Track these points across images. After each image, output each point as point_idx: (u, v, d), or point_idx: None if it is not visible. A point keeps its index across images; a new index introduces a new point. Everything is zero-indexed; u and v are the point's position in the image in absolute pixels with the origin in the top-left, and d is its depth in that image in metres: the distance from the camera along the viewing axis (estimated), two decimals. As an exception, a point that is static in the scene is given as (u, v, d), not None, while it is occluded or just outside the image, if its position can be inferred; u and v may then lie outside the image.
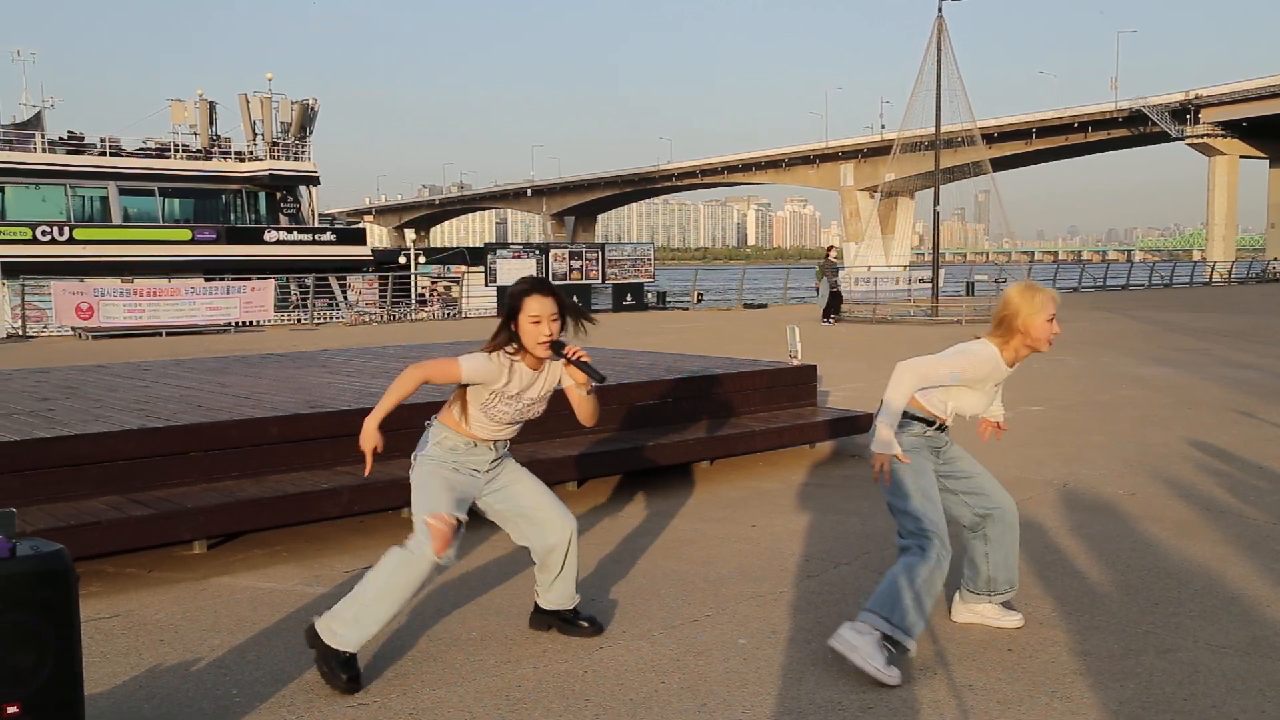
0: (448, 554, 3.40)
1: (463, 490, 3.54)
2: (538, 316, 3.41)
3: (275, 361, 8.52)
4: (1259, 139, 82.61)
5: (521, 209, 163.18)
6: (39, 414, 5.52)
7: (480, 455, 3.58)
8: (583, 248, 30.96)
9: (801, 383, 7.66)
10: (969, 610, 3.94)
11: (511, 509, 3.69)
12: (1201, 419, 8.71)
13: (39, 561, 2.51)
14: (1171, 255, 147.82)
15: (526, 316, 3.42)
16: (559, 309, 3.46)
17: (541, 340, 3.42)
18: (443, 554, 3.38)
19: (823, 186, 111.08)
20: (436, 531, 3.38)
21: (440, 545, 3.38)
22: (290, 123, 39.55)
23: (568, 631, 3.81)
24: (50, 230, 32.64)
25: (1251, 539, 5.03)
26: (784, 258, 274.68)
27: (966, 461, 3.86)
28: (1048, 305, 3.58)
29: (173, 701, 3.29)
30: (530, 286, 3.46)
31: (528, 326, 3.43)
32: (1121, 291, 39.61)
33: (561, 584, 3.77)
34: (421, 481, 3.50)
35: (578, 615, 3.84)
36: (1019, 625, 3.88)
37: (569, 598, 3.80)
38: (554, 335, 3.45)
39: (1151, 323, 20.96)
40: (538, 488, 3.73)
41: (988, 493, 3.83)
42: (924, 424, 3.69)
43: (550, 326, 3.43)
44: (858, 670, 3.39)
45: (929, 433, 3.70)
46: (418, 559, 3.37)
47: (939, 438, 3.76)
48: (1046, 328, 3.58)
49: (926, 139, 25.36)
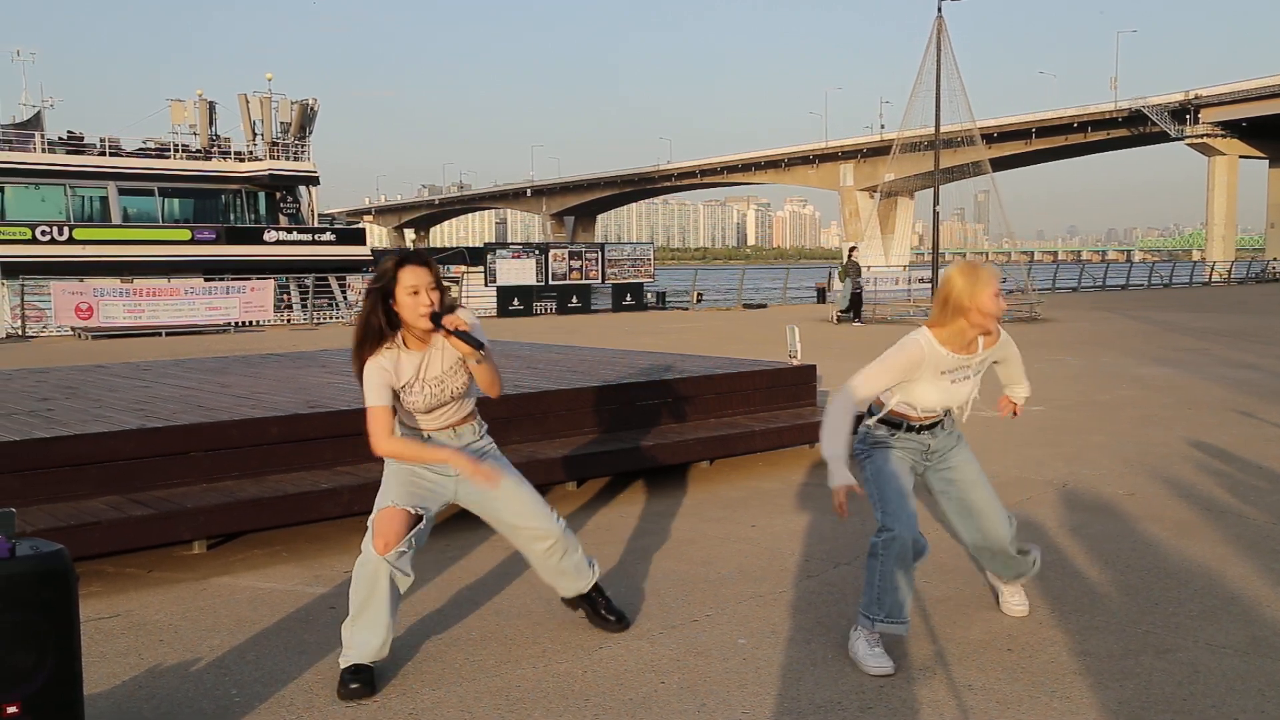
0: (395, 551, 3.33)
1: (425, 489, 3.48)
2: (415, 287, 3.29)
3: (275, 361, 8.52)
4: (1258, 139, 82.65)
5: (521, 209, 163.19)
6: (39, 414, 5.52)
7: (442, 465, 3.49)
8: (582, 248, 30.96)
9: (801, 383, 7.66)
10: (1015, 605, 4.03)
11: (491, 515, 3.64)
12: (1201, 419, 8.71)
13: (39, 561, 2.51)
14: (1171, 255, 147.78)
15: (403, 289, 3.29)
16: (435, 279, 3.35)
17: (422, 312, 3.29)
18: (387, 550, 3.31)
19: (822, 186, 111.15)
20: (377, 527, 3.35)
21: (382, 540, 3.32)
22: (290, 123, 39.55)
23: (595, 622, 3.84)
24: (50, 230, 32.63)
25: (1251, 539, 5.03)
26: (784, 258, 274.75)
27: (963, 470, 3.76)
28: (991, 281, 3.53)
29: (172, 701, 3.29)
30: (400, 259, 3.35)
31: (406, 299, 3.29)
32: (1121, 291, 39.63)
33: (570, 577, 3.77)
34: (383, 485, 3.50)
35: (609, 608, 3.86)
36: (1024, 614, 3.96)
37: (583, 581, 3.81)
38: (434, 305, 3.31)
39: (1151, 323, 20.96)
40: (519, 497, 3.62)
41: (974, 521, 3.78)
42: (890, 426, 3.66)
43: (430, 296, 3.30)
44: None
45: (899, 435, 3.67)
46: (366, 560, 3.35)
47: (919, 440, 3.69)
48: (994, 303, 3.52)
49: (926, 139, 25.37)
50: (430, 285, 3.31)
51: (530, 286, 28.00)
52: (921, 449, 3.71)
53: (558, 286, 28.56)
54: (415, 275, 3.30)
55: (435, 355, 3.43)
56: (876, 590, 3.50)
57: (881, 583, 3.50)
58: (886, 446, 3.67)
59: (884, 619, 3.49)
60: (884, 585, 3.49)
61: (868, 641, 3.51)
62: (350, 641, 3.38)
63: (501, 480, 3.54)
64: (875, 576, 3.52)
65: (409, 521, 3.40)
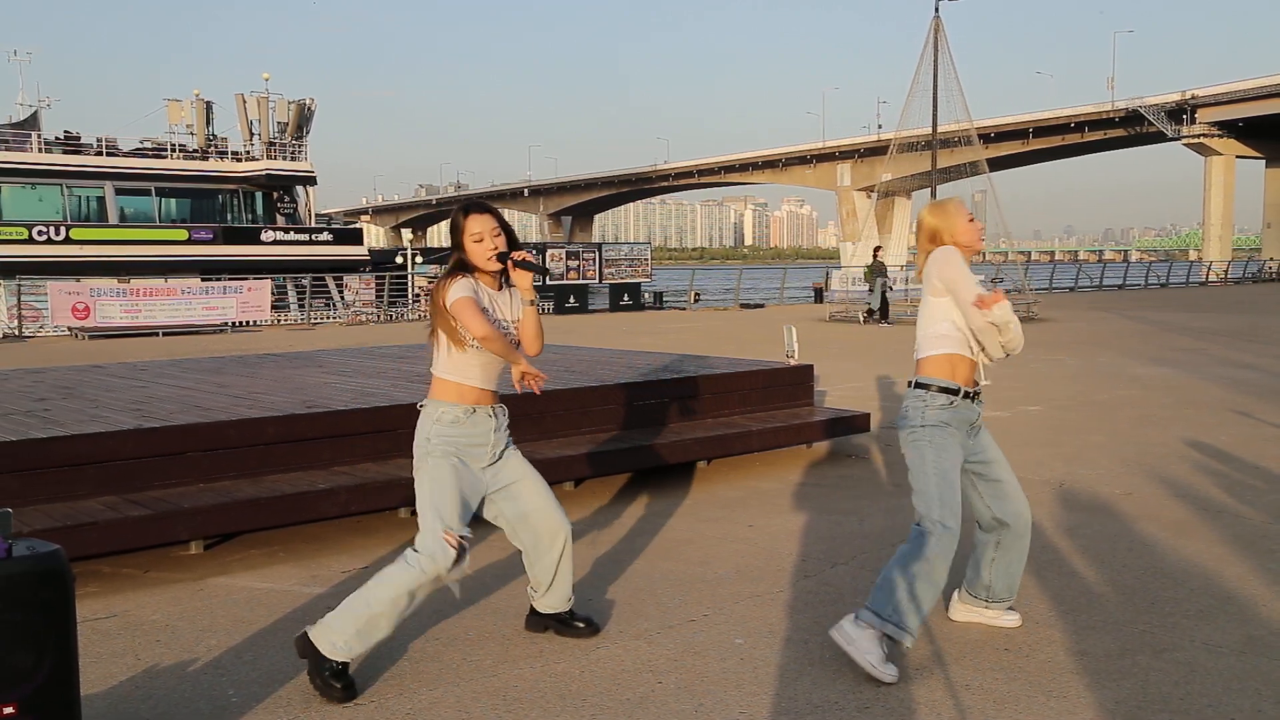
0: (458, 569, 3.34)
1: (470, 490, 3.48)
2: (479, 234, 3.45)
3: (272, 361, 8.51)
4: (1255, 139, 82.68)
5: (519, 209, 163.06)
6: (35, 414, 5.51)
7: (481, 425, 3.50)
8: (580, 248, 30.99)
9: (798, 383, 7.66)
10: (967, 610, 3.94)
11: (513, 512, 3.63)
12: (1199, 419, 8.72)
13: (35, 562, 2.51)
14: (1168, 255, 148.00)
15: (469, 237, 3.46)
16: (499, 223, 3.50)
17: (489, 255, 3.46)
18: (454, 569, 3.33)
19: (820, 186, 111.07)
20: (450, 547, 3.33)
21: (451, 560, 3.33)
22: (287, 123, 39.52)
23: (565, 633, 3.80)
24: (46, 230, 32.59)
25: (1248, 539, 5.03)
26: (781, 258, 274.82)
27: (994, 453, 3.73)
28: (961, 209, 3.69)
29: (169, 702, 3.28)
30: (465, 207, 3.52)
31: (472, 246, 3.46)
32: (1118, 291, 39.67)
33: (557, 589, 3.75)
34: (431, 477, 3.40)
35: (574, 616, 3.82)
36: (1017, 625, 3.88)
37: (565, 600, 3.78)
38: (499, 248, 3.47)
39: (1148, 322, 20.98)
40: (540, 488, 3.66)
41: (1009, 496, 3.73)
42: (949, 394, 3.53)
43: (494, 241, 3.46)
44: (854, 665, 3.40)
45: (957, 403, 3.54)
46: (427, 574, 3.31)
47: (970, 409, 3.59)
48: (970, 229, 3.64)
49: (923, 139, 25.38)
50: (494, 231, 3.46)
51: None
52: (969, 423, 3.60)
53: (555, 286, 28.55)
54: (479, 222, 3.46)
55: (506, 298, 3.58)
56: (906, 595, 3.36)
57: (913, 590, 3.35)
58: (945, 426, 3.52)
59: (895, 624, 3.38)
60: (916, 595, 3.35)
61: (879, 644, 3.38)
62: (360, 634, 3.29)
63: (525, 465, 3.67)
64: (907, 581, 3.37)
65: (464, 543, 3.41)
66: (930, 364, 3.60)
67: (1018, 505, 3.77)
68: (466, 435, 3.48)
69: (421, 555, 3.32)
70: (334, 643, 3.29)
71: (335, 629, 3.30)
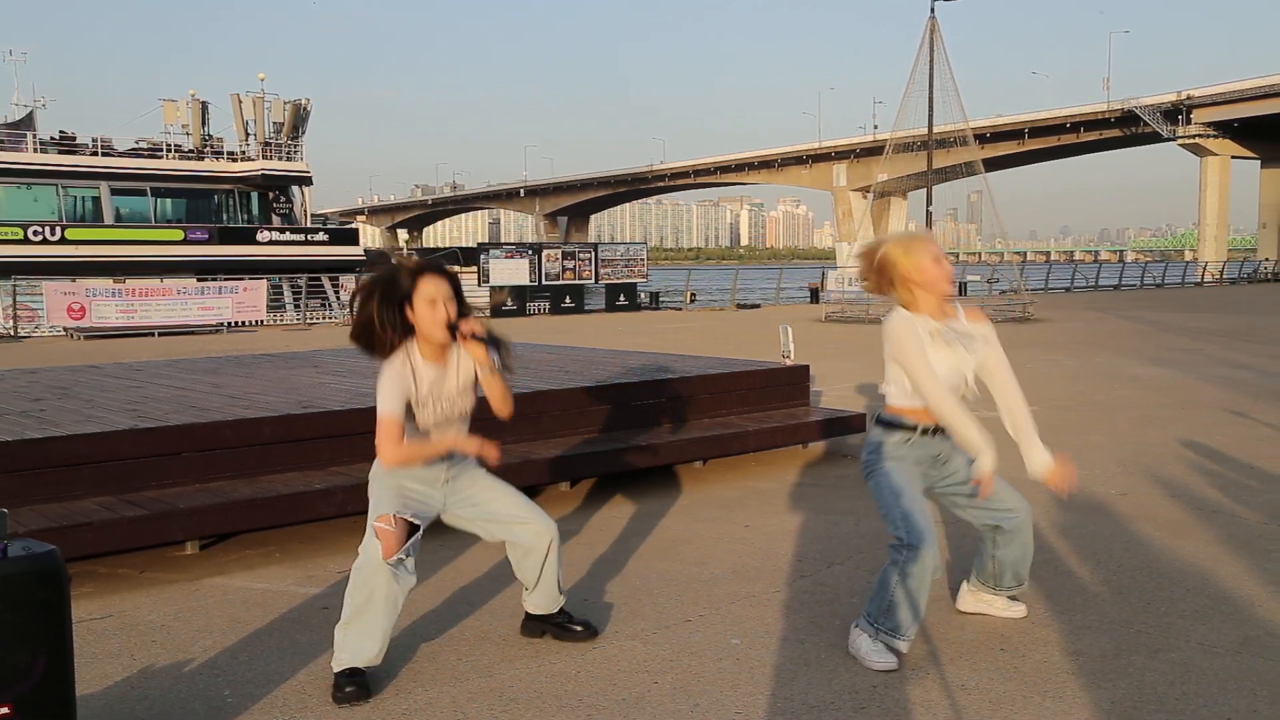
0: (397, 556, 3.30)
1: (418, 500, 3.45)
2: (433, 297, 3.25)
3: (268, 362, 8.50)
4: (1250, 139, 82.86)
5: (515, 209, 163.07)
6: (31, 414, 5.50)
7: (430, 471, 3.48)
8: (576, 248, 30.98)
9: (795, 383, 7.67)
10: (975, 600, 3.97)
11: (482, 515, 3.59)
12: (1195, 419, 8.73)
13: (31, 562, 2.51)
14: (1164, 255, 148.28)
15: (422, 300, 3.26)
16: (454, 289, 3.31)
17: (440, 322, 3.26)
18: (391, 556, 3.29)
19: (816, 187, 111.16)
20: (382, 534, 3.31)
21: (387, 547, 3.29)
22: (283, 123, 39.48)
23: (563, 637, 3.76)
24: (42, 230, 32.53)
25: (1244, 539, 5.04)
26: (777, 258, 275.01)
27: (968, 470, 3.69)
28: (928, 248, 3.48)
29: (165, 702, 3.28)
30: (419, 269, 3.30)
31: (423, 311, 3.26)
32: (1114, 292, 39.72)
33: (543, 590, 3.71)
34: (373, 494, 3.45)
35: (571, 620, 3.80)
36: (1022, 615, 3.92)
37: (553, 601, 3.74)
38: (451, 318, 3.27)
39: (1145, 323, 21.01)
40: (511, 496, 3.61)
41: (997, 500, 3.73)
42: (906, 430, 3.59)
43: (448, 308, 3.27)
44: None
45: (914, 439, 3.60)
46: (365, 563, 3.32)
47: (931, 444, 3.63)
48: (934, 271, 3.47)
49: (919, 139, 25.40)
50: (449, 297, 3.29)
51: (523, 287, 27.99)
52: (932, 456, 3.64)
53: (551, 287, 28.55)
54: (435, 285, 3.27)
55: (452, 369, 3.42)
56: (888, 603, 3.46)
57: (894, 599, 3.45)
58: (899, 459, 3.60)
59: (887, 631, 3.47)
60: (896, 601, 3.45)
61: (871, 638, 3.51)
62: (344, 645, 3.35)
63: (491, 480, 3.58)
64: (889, 591, 3.46)
65: (408, 529, 3.37)
66: (893, 406, 3.65)
67: (1007, 515, 3.76)
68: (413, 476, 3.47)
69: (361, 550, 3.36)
70: (335, 655, 3.36)
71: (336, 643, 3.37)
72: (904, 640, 3.49)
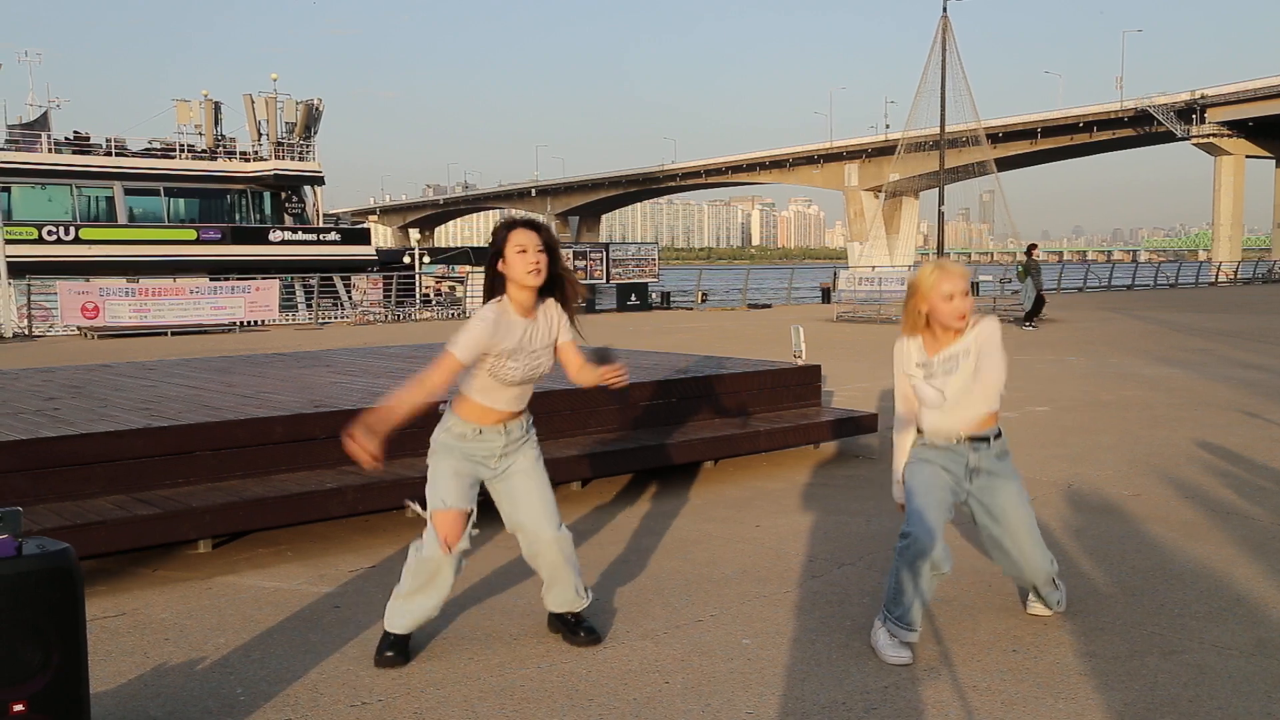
0: (459, 547, 3.49)
1: (472, 475, 3.54)
2: (523, 246, 3.35)
3: (280, 361, 8.53)
4: (1265, 139, 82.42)
5: (526, 209, 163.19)
6: (45, 413, 5.53)
7: (488, 442, 3.52)
8: (587, 248, 30.98)
9: (806, 383, 7.66)
10: (1038, 606, 4.03)
11: (506, 501, 3.63)
12: (1208, 420, 8.69)
13: (45, 560, 2.52)
14: (1177, 255, 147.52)
15: (513, 248, 3.36)
16: (544, 242, 3.39)
17: (529, 269, 3.35)
18: (451, 550, 3.47)
19: (827, 186, 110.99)
20: (440, 528, 3.47)
21: (446, 542, 3.47)
22: (295, 123, 39.59)
23: (568, 639, 3.77)
24: (56, 230, 32.70)
25: (1257, 540, 5.02)
26: (788, 258, 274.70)
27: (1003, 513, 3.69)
28: (942, 282, 3.50)
29: (178, 700, 3.30)
30: (512, 222, 3.42)
31: (514, 259, 3.36)
32: (1127, 291, 39.55)
33: (557, 591, 3.73)
34: (432, 471, 3.54)
35: (579, 624, 3.78)
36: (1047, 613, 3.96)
37: (569, 602, 3.75)
38: (540, 266, 3.36)
39: (1157, 323, 20.91)
40: (539, 494, 3.61)
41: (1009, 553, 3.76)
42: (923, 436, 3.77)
43: (537, 257, 3.36)
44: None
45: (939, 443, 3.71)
46: (430, 556, 3.50)
47: (960, 454, 3.67)
48: (946, 308, 3.51)
49: (931, 139, 25.35)
50: (538, 247, 3.38)
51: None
52: (963, 465, 3.69)
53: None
54: (525, 236, 3.38)
55: (539, 326, 3.50)
56: (892, 591, 3.59)
57: (895, 584, 3.57)
58: (929, 461, 3.72)
59: (894, 621, 3.56)
60: (897, 588, 3.56)
61: (890, 633, 3.58)
62: (396, 612, 3.56)
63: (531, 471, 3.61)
64: (892, 578, 3.60)
65: (465, 520, 3.50)
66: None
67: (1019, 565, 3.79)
68: (471, 449, 3.54)
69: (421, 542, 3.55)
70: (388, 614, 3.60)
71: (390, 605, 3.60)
72: (910, 631, 3.54)
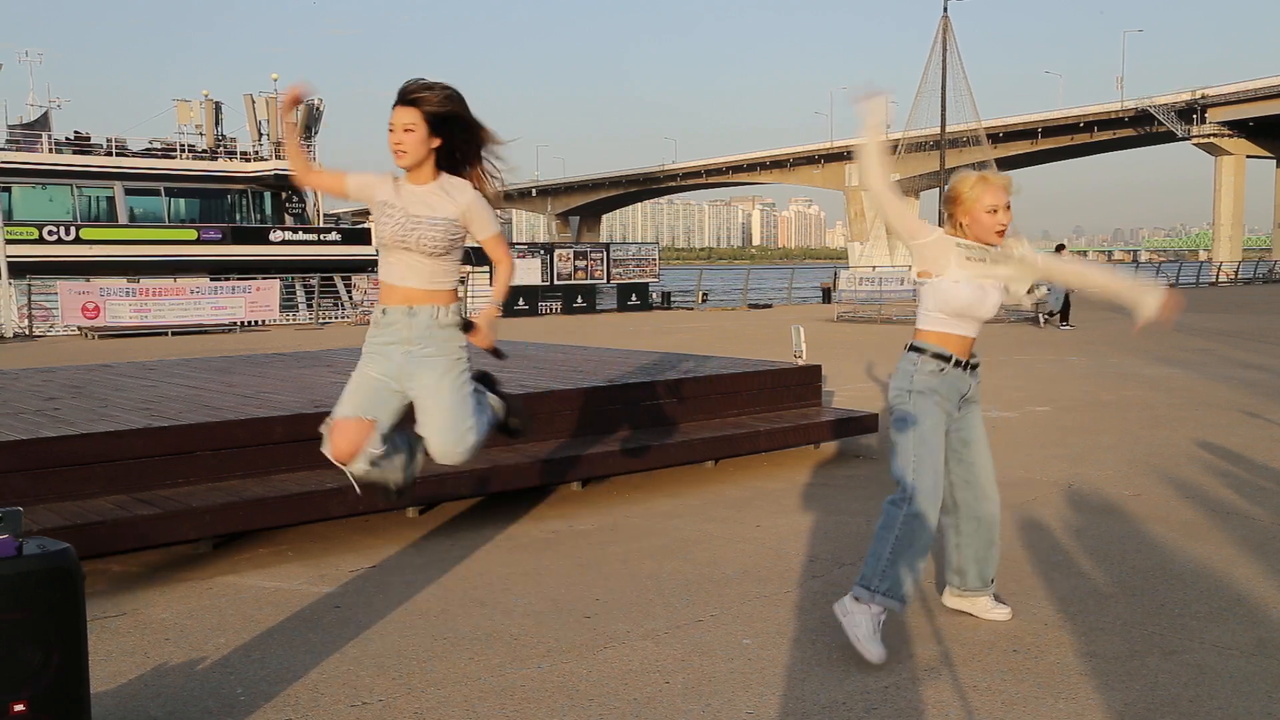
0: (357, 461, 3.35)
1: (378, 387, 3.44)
2: (391, 125, 3.31)
3: (280, 361, 8.53)
4: (1266, 138, 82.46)
5: (526, 209, 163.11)
6: (45, 413, 5.53)
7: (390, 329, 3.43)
8: (587, 247, 30.97)
9: (806, 383, 7.66)
10: (958, 599, 3.96)
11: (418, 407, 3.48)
12: (1208, 420, 8.69)
13: (45, 560, 2.52)
14: (1178, 255, 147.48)
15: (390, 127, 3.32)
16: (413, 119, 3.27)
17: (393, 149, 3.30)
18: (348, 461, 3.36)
19: (827, 186, 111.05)
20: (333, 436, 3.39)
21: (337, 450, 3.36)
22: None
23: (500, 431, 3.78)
24: (57, 230, 32.71)
25: (1258, 540, 5.01)
26: (789, 258, 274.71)
27: (977, 434, 3.68)
28: (985, 195, 3.48)
29: (178, 700, 3.30)
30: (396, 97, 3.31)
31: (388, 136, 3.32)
32: (1127, 292, 39.49)
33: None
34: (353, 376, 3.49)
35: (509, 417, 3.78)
36: (1007, 619, 3.89)
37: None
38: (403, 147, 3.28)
39: (1157, 323, 20.86)
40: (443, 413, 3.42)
41: (976, 486, 3.71)
42: (940, 360, 3.55)
43: (401, 137, 3.28)
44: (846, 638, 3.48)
45: (947, 370, 3.55)
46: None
47: (963, 379, 3.58)
48: (988, 219, 3.49)
49: (931, 139, 25.34)
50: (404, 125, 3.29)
51: (535, 286, 28.01)
52: (960, 393, 3.60)
53: (563, 286, 28.57)
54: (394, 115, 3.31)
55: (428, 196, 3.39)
56: (884, 563, 3.46)
57: (892, 556, 3.45)
58: (932, 393, 3.53)
59: (884, 593, 3.45)
60: (894, 559, 3.44)
61: (872, 621, 3.47)
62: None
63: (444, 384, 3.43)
64: (886, 549, 3.46)
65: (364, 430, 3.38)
66: (925, 333, 3.63)
67: (983, 500, 3.74)
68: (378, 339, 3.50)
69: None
70: None
71: None
72: (899, 602, 3.46)
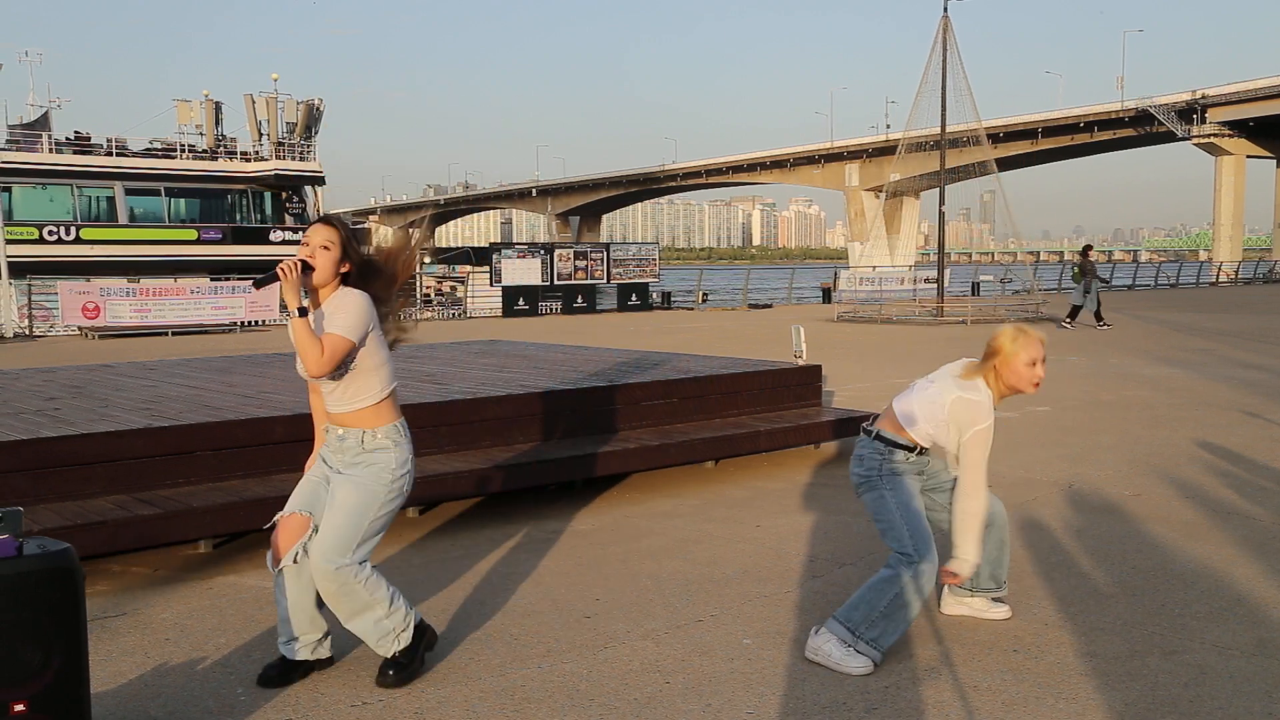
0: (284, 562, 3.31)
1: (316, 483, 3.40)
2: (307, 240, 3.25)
3: (280, 361, 8.53)
4: (1266, 139, 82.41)
5: (526, 209, 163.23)
6: (46, 413, 5.53)
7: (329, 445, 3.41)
8: (588, 247, 30.96)
9: (806, 383, 7.66)
10: (956, 603, 3.98)
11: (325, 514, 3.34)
12: (1208, 420, 8.69)
13: (46, 560, 2.53)
14: (1178, 255, 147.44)
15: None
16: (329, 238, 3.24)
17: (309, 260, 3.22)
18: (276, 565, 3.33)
19: (828, 187, 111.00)
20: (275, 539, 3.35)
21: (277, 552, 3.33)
22: (295, 123, 39.65)
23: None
24: (57, 230, 32.76)
25: (1258, 540, 5.01)
26: (789, 258, 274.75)
27: (948, 472, 3.84)
28: (1031, 347, 3.55)
29: (178, 700, 3.30)
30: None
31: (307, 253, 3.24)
32: (1128, 291, 39.51)
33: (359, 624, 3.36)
34: None
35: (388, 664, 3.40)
36: (1006, 617, 3.92)
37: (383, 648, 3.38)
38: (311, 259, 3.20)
39: (1158, 323, 20.90)
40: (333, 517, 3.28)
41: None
42: (906, 450, 3.70)
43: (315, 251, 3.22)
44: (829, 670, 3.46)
45: (912, 458, 3.71)
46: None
47: (921, 461, 3.76)
48: (1027, 374, 3.56)
49: (932, 139, 25.33)
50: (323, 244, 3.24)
51: (535, 286, 28.02)
52: (921, 469, 3.78)
53: (563, 286, 28.57)
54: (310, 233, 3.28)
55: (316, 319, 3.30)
56: (880, 614, 3.48)
57: (889, 611, 3.47)
58: (904, 475, 3.68)
59: (869, 642, 3.47)
60: (890, 615, 3.47)
61: (841, 645, 3.48)
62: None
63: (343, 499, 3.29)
64: (883, 602, 3.49)
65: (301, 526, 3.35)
66: (892, 425, 3.72)
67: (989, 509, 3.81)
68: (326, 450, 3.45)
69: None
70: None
71: None
72: (881, 653, 3.49)
